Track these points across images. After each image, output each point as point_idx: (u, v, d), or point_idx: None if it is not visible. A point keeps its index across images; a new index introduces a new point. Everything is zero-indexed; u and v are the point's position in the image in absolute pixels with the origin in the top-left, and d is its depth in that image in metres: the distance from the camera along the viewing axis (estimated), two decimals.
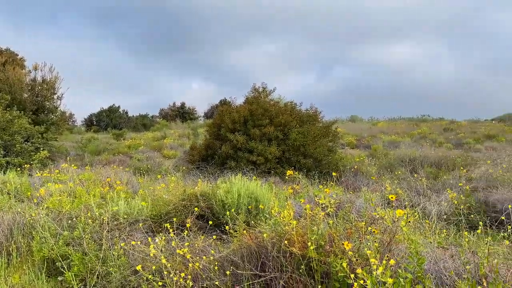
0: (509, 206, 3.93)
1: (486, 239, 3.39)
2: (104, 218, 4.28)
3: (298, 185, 8.44)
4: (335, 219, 3.71)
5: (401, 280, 2.77)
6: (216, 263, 3.30)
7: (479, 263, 2.87)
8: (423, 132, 25.48)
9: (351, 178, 10.87)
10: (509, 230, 3.34)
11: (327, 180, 9.92)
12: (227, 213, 4.07)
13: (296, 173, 9.00)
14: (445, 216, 6.56)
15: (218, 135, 12.47)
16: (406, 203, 4.83)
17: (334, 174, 6.77)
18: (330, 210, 3.40)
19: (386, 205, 6.61)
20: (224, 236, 4.13)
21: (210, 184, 6.51)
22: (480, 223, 3.40)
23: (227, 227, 3.66)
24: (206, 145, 12.85)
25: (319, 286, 3.00)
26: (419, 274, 2.93)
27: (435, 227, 4.74)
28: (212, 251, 3.41)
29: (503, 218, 4.05)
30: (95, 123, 40.12)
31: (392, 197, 3.01)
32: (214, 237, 3.69)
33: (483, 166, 11.33)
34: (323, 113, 13.56)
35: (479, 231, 3.33)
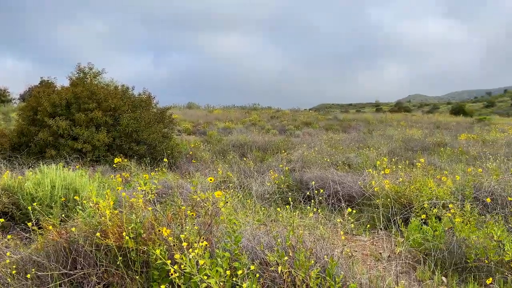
0: (312, 183, 4.48)
1: (294, 213, 3.78)
2: None
3: (128, 173, 8.02)
4: (157, 206, 3.59)
5: (219, 259, 2.85)
6: (15, 266, 2.81)
7: (286, 236, 3.16)
8: (253, 120, 27.49)
9: (186, 163, 10.96)
10: (312, 204, 3.79)
11: (161, 167, 9.72)
12: (29, 208, 3.51)
13: (126, 160, 8.54)
14: (268, 195, 7.17)
15: (34, 120, 10.84)
16: (230, 184, 5.05)
17: (165, 160, 6.61)
18: (151, 197, 3.26)
19: (216, 188, 6.84)
20: (28, 234, 3.57)
21: (21, 176, 5.59)
22: (290, 199, 3.76)
23: (29, 224, 3.15)
24: (19, 132, 11.05)
25: (137, 277, 2.85)
26: (236, 252, 3.07)
27: (256, 206, 5.11)
28: (8, 253, 2.88)
29: (308, 194, 4.59)
30: None
31: (210, 179, 3.05)
32: (9, 236, 3.13)
33: (300, 149, 12.83)
34: (158, 99, 13.20)
35: (287, 206, 3.68)
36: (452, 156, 11.74)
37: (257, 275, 2.76)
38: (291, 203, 3.86)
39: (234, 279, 2.71)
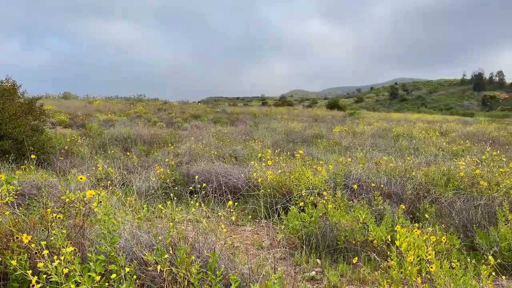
0: (196, 177, 4.44)
1: (178, 208, 3.70)
2: None
3: None
4: (19, 209, 3.17)
5: (91, 264, 2.62)
6: None
7: (166, 233, 3.06)
8: (139, 111, 26.33)
9: (61, 160, 9.96)
10: (195, 198, 3.74)
11: (29, 164, 8.68)
12: None
13: None
14: (153, 191, 6.90)
15: None
16: (109, 182, 4.72)
17: (33, 156, 5.90)
18: (9, 199, 2.86)
19: (95, 186, 6.34)
20: None
21: None
22: (172, 195, 3.66)
23: None
24: None
25: None
26: (112, 254, 2.86)
27: (138, 203, 4.87)
28: None
29: (191, 188, 4.53)
30: None
31: (81, 178, 2.79)
32: None
33: (188, 143, 12.67)
34: (28, 88, 11.76)
35: (169, 203, 3.57)
36: (328, 147, 12.82)
37: (134, 276, 2.62)
38: (175, 198, 3.76)
39: (107, 283, 2.53)
